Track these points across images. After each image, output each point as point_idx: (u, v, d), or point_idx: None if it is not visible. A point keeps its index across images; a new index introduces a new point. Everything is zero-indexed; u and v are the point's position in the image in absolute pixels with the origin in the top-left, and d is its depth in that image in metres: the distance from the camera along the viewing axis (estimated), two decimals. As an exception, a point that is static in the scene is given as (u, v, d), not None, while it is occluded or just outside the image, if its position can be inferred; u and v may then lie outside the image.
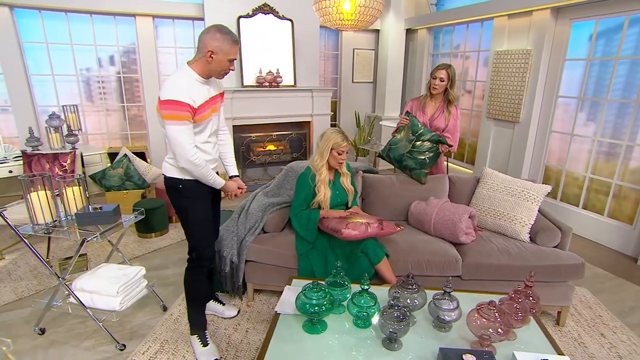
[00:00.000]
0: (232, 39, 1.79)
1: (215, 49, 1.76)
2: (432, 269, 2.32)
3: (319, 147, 2.40)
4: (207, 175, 1.94)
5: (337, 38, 6.01)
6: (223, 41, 1.76)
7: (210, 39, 1.76)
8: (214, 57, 1.78)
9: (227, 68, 1.86)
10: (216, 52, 1.77)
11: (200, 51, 1.80)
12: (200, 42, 1.79)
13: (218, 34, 1.76)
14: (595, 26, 3.57)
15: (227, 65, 1.85)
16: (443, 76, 2.80)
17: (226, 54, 1.79)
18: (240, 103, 4.86)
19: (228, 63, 1.84)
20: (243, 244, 2.50)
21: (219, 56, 1.78)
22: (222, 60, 1.80)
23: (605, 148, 3.62)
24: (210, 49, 1.77)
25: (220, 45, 1.76)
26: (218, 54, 1.78)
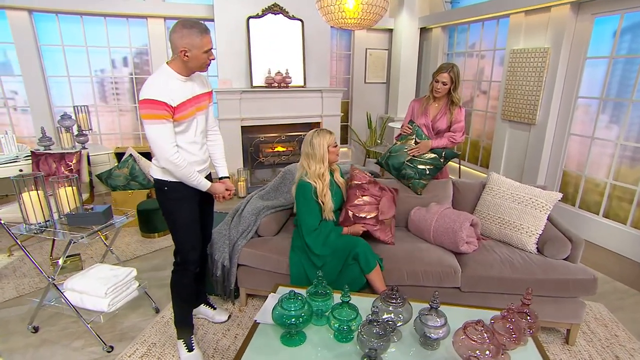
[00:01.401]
0: (200, 30, 1.73)
1: (187, 46, 1.72)
2: (429, 279, 2.19)
3: (316, 155, 2.28)
4: (190, 177, 1.89)
5: (349, 38, 5.91)
6: (191, 36, 1.71)
7: (178, 38, 1.72)
8: (188, 55, 1.74)
9: (206, 60, 1.81)
10: (188, 49, 1.72)
11: (174, 51, 1.76)
12: (171, 42, 1.75)
13: (184, 29, 1.71)
14: (620, 21, 3.33)
15: (205, 58, 1.79)
16: (445, 80, 2.65)
17: (199, 48, 1.74)
18: (248, 104, 4.85)
19: (205, 55, 1.79)
20: (235, 248, 2.44)
21: (192, 52, 1.74)
22: (197, 55, 1.76)
23: (629, 152, 3.37)
24: (181, 48, 1.72)
25: (190, 41, 1.71)
26: (191, 50, 1.73)
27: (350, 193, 2.46)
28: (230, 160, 4.91)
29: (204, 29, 1.75)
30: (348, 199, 2.45)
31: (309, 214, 2.26)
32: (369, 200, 2.42)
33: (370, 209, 2.40)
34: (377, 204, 2.42)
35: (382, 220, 2.41)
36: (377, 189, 2.49)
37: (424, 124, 2.80)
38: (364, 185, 2.46)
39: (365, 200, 2.42)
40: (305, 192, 2.25)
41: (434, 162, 2.71)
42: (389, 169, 2.82)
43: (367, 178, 2.53)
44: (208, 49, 1.78)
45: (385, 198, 2.48)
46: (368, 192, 2.44)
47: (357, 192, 2.44)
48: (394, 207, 2.54)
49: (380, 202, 2.44)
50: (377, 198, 2.44)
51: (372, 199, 2.43)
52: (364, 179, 2.52)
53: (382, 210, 2.42)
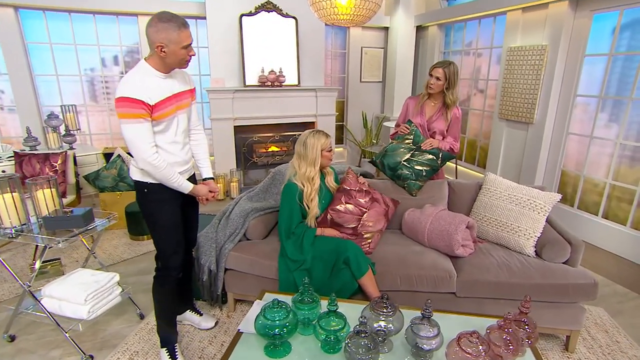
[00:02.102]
0: (177, 24, 1.63)
1: (164, 41, 1.62)
2: (423, 284, 2.11)
3: (308, 157, 2.20)
4: (170, 178, 1.80)
5: (344, 36, 5.83)
6: (168, 30, 1.62)
7: (154, 32, 1.62)
8: (166, 51, 1.64)
9: (185, 56, 1.71)
10: (165, 44, 1.63)
11: (151, 47, 1.67)
12: (148, 37, 1.65)
13: (160, 23, 1.62)
14: (619, 17, 3.25)
15: (184, 54, 1.70)
16: (439, 75, 2.57)
17: (177, 43, 1.64)
18: (241, 103, 4.75)
19: (184, 51, 1.69)
20: (222, 252, 2.35)
21: (170, 48, 1.64)
22: (175, 51, 1.66)
23: (629, 152, 3.29)
24: (158, 44, 1.63)
25: (167, 35, 1.62)
26: (168, 45, 1.63)
27: (337, 196, 2.36)
28: (223, 160, 4.83)
29: (182, 23, 1.65)
30: (333, 201, 2.35)
31: (287, 216, 2.18)
32: (352, 210, 2.31)
33: (351, 219, 2.29)
34: (360, 215, 2.30)
35: (360, 232, 2.29)
36: (366, 199, 2.37)
37: (420, 124, 2.71)
38: (351, 192, 2.36)
39: (348, 209, 2.30)
40: (290, 193, 2.17)
41: (431, 163, 2.62)
42: (383, 168, 2.73)
43: (358, 186, 2.42)
44: (187, 44, 1.68)
45: (374, 210, 2.34)
46: (354, 200, 2.33)
47: (343, 197, 2.34)
48: (384, 221, 2.38)
49: (365, 214, 2.32)
50: (362, 209, 2.32)
51: (356, 209, 2.31)
52: (354, 185, 2.41)
53: (364, 223, 2.29)
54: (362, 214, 2.32)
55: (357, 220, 2.30)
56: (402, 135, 2.69)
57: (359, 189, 2.40)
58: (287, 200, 2.19)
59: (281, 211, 2.23)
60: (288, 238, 2.19)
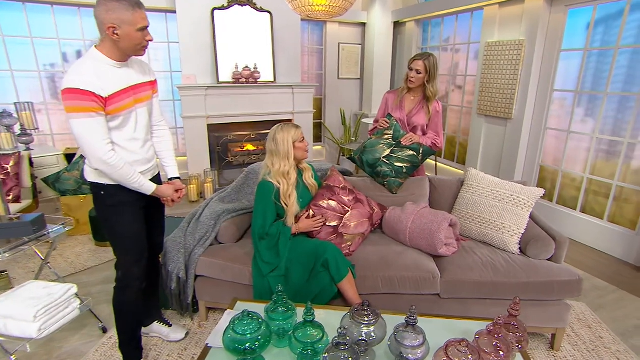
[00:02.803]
0: (130, 3, 1.47)
1: (115, 22, 1.45)
2: (406, 286, 2.00)
3: (280, 152, 2.07)
4: (130, 179, 1.63)
5: (321, 32, 5.70)
6: (120, 10, 1.45)
7: (104, 12, 1.45)
8: (118, 33, 1.47)
9: (141, 40, 1.54)
10: (117, 25, 1.46)
11: (101, 30, 1.49)
12: (97, 19, 1.48)
13: (110, 2, 1.44)
14: (593, 13, 3.26)
15: (139, 37, 1.53)
16: (419, 68, 2.47)
17: (131, 24, 1.47)
18: (215, 100, 4.56)
19: (140, 34, 1.52)
20: (192, 257, 2.18)
21: (123, 29, 1.47)
22: (130, 34, 1.49)
23: (604, 146, 3.31)
24: (109, 24, 1.45)
25: (119, 15, 1.45)
26: (121, 27, 1.46)
27: (320, 192, 2.26)
28: (196, 160, 4.61)
29: (135, 2, 1.48)
30: (315, 197, 2.24)
31: (261, 216, 2.04)
32: (334, 207, 2.21)
33: (333, 217, 2.19)
34: (342, 214, 2.20)
35: (341, 233, 2.17)
36: (350, 198, 2.27)
37: (399, 118, 2.61)
38: (335, 189, 2.26)
39: (330, 205, 2.20)
40: (264, 192, 2.03)
41: (411, 160, 2.52)
42: (362, 165, 2.62)
43: (343, 183, 2.33)
44: (142, 26, 1.51)
45: (356, 211, 2.24)
46: (337, 197, 2.23)
47: (326, 193, 2.24)
48: (367, 225, 2.27)
49: (347, 213, 2.22)
50: (344, 207, 2.22)
51: (338, 207, 2.21)
52: (338, 182, 2.32)
53: (346, 223, 2.19)
54: (344, 212, 2.21)
55: (339, 219, 2.19)
56: (382, 130, 2.58)
57: (343, 187, 2.30)
58: (261, 199, 2.05)
59: (255, 211, 2.08)
60: (262, 239, 2.05)
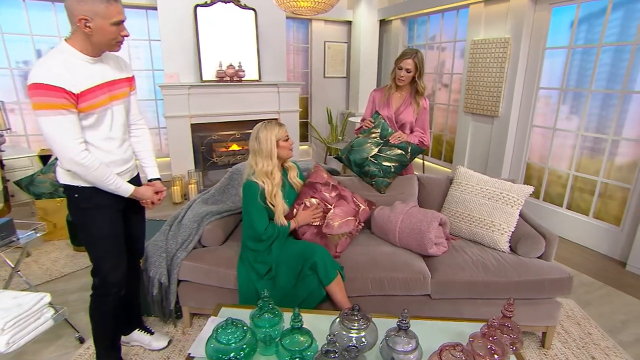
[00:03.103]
0: None
1: (87, 14, 1.35)
2: (396, 287, 1.95)
3: (263, 151, 1.98)
4: (105, 180, 1.53)
5: (306, 31, 5.64)
6: (93, 1, 1.35)
7: (75, 2, 1.35)
8: (91, 26, 1.37)
9: (116, 35, 1.45)
10: (90, 17, 1.36)
11: (71, 21, 1.39)
12: (68, 10, 1.37)
13: None
14: (577, 11, 3.28)
15: (114, 32, 1.43)
16: (410, 67, 2.42)
17: (105, 17, 1.38)
18: (198, 99, 4.44)
19: (115, 28, 1.42)
20: (174, 262, 2.09)
21: (96, 22, 1.37)
22: (103, 27, 1.39)
23: (589, 143, 3.33)
24: (80, 16, 1.35)
25: (92, 7, 1.35)
26: (94, 19, 1.37)
27: (303, 190, 2.19)
28: (180, 161, 4.49)
29: None
30: (299, 196, 2.17)
31: (256, 217, 1.95)
32: (316, 204, 2.14)
33: (316, 215, 2.13)
34: (325, 212, 2.13)
35: (325, 233, 2.09)
36: (333, 194, 2.20)
37: (387, 116, 2.56)
38: (316, 186, 2.19)
39: (313, 203, 2.13)
40: (251, 193, 1.95)
41: (399, 159, 2.47)
42: (350, 165, 2.57)
43: (325, 179, 2.25)
44: (117, 20, 1.42)
45: (340, 209, 2.15)
46: (319, 194, 2.16)
47: (309, 191, 2.17)
48: (353, 224, 2.16)
49: (330, 211, 2.14)
50: (327, 204, 2.15)
51: (321, 204, 2.14)
52: (320, 178, 2.24)
53: (329, 222, 2.10)
54: (327, 210, 2.14)
55: (322, 218, 2.12)
56: (368, 129, 2.53)
57: (326, 183, 2.23)
58: (251, 200, 1.96)
59: (248, 214, 1.99)
60: (261, 241, 1.96)
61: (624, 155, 3.11)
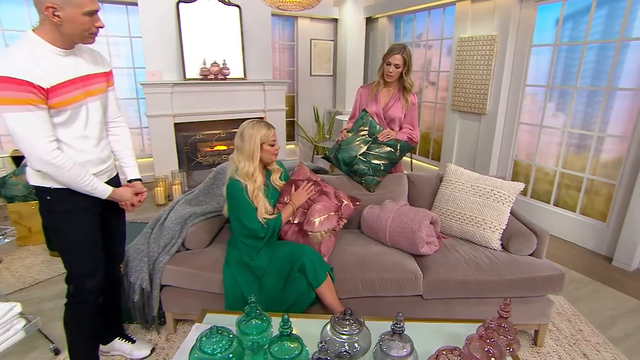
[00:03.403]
0: None
1: (57, 2, 1.25)
2: (387, 288, 1.90)
3: (245, 150, 1.90)
4: (80, 181, 1.43)
5: (292, 28, 5.56)
6: None
7: None
8: (60, 15, 1.27)
9: (89, 26, 1.35)
10: (58, 5, 1.26)
11: (38, 9, 1.28)
12: None
13: None
14: (562, 9, 3.30)
15: (87, 23, 1.33)
16: (398, 62, 2.38)
17: (76, 5, 1.28)
18: (181, 98, 4.32)
19: (87, 19, 1.32)
20: (156, 266, 1.99)
21: (66, 11, 1.27)
22: (75, 17, 1.29)
23: (575, 140, 3.35)
24: (48, 4, 1.25)
25: None
26: (64, 8, 1.27)
27: (284, 189, 2.11)
28: (163, 161, 4.36)
29: None
30: (280, 195, 2.10)
31: (245, 215, 1.87)
32: (305, 182, 2.11)
33: (295, 212, 2.06)
34: (305, 209, 2.06)
35: (306, 231, 2.01)
36: (314, 190, 2.13)
37: (375, 112, 2.51)
38: (298, 182, 2.12)
39: None
40: (235, 191, 1.87)
41: (389, 157, 2.43)
42: (338, 163, 2.51)
43: (307, 175, 2.17)
44: (91, 10, 1.32)
45: (320, 204, 2.07)
46: None
47: (289, 188, 2.11)
48: (335, 220, 2.07)
49: (310, 207, 2.06)
50: (308, 201, 2.08)
51: (310, 181, 2.12)
52: (302, 175, 2.17)
53: (309, 219, 2.02)
54: (307, 207, 2.07)
55: (303, 215, 2.05)
56: (356, 126, 2.48)
57: (307, 178, 2.16)
58: (233, 198, 1.88)
59: (232, 213, 1.91)
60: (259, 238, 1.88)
61: (609, 152, 3.13)
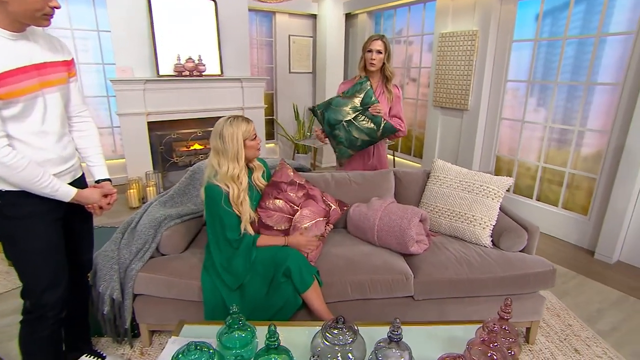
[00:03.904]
0: None
1: None
2: (377, 290, 1.81)
3: (228, 152, 1.73)
4: (38, 183, 1.27)
5: (270, 24, 5.42)
6: None
7: None
8: None
9: (42, 6, 1.19)
10: None
11: None
12: None
13: None
14: (542, 4, 3.31)
15: (39, 2, 1.18)
16: (380, 47, 2.32)
17: None
18: (155, 95, 4.11)
19: None
20: (128, 274, 1.83)
21: None
22: None
23: (556, 135, 3.37)
24: None
25: None
26: None
27: (266, 191, 1.95)
28: (136, 162, 4.14)
29: None
30: (262, 198, 1.94)
31: (218, 222, 1.73)
32: (282, 207, 1.90)
33: (280, 219, 1.89)
34: (291, 215, 1.91)
35: None
36: (299, 194, 1.97)
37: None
38: (281, 185, 1.96)
39: (277, 205, 1.90)
40: (215, 198, 1.72)
41: (369, 133, 2.36)
42: (322, 122, 2.46)
43: (290, 177, 2.03)
44: None
45: (308, 209, 1.94)
46: (284, 195, 1.93)
47: (272, 191, 1.94)
48: (322, 225, 1.95)
49: (297, 213, 1.92)
50: (293, 206, 1.93)
51: (286, 206, 1.91)
52: (285, 177, 2.01)
53: (296, 225, 1.89)
54: (293, 212, 1.92)
55: (288, 221, 1.91)
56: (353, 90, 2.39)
57: (291, 181, 2.01)
58: (213, 204, 1.73)
59: (209, 221, 1.76)
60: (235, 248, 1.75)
61: (589, 146, 3.16)
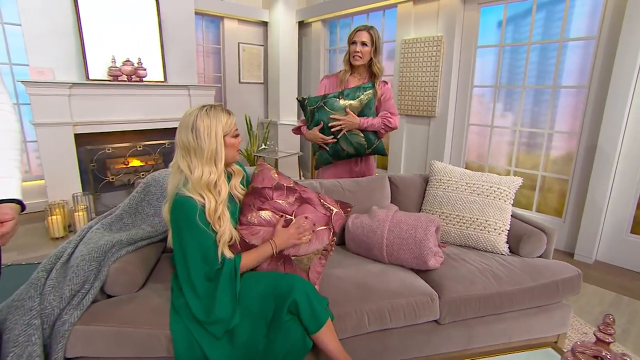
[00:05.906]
0: None
1: None
2: (400, 317, 1.47)
3: (204, 150, 1.31)
4: None
5: (218, 30, 5.00)
6: None
7: None
8: None
9: None
10: None
11: None
12: None
13: None
14: (504, 11, 3.35)
15: None
16: (365, 39, 2.07)
17: None
18: (84, 102, 3.46)
19: None
20: (57, 330, 1.28)
21: None
22: None
23: (525, 139, 3.37)
24: None
25: None
26: None
27: (245, 202, 1.54)
28: (59, 183, 3.39)
29: None
30: (241, 211, 1.53)
31: (197, 249, 1.28)
32: (269, 219, 1.51)
33: (268, 234, 1.50)
34: (284, 227, 1.51)
35: (288, 256, 1.50)
36: (291, 199, 1.58)
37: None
38: (265, 192, 1.55)
39: (263, 218, 1.50)
40: (188, 214, 1.28)
41: (358, 148, 2.16)
42: (311, 119, 2.13)
43: (275, 180, 1.60)
44: None
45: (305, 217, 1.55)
46: (270, 203, 1.53)
47: (254, 201, 1.53)
48: (326, 236, 1.56)
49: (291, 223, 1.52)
50: (285, 215, 1.54)
51: (274, 217, 1.51)
52: (269, 180, 1.59)
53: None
54: (286, 224, 1.52)
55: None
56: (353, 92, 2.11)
57: (277, 185, 1.59)
58: (185, 224, 1.28)
59: (179, 244, 1.30)
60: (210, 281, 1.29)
61: (559, 149, 3.18)
